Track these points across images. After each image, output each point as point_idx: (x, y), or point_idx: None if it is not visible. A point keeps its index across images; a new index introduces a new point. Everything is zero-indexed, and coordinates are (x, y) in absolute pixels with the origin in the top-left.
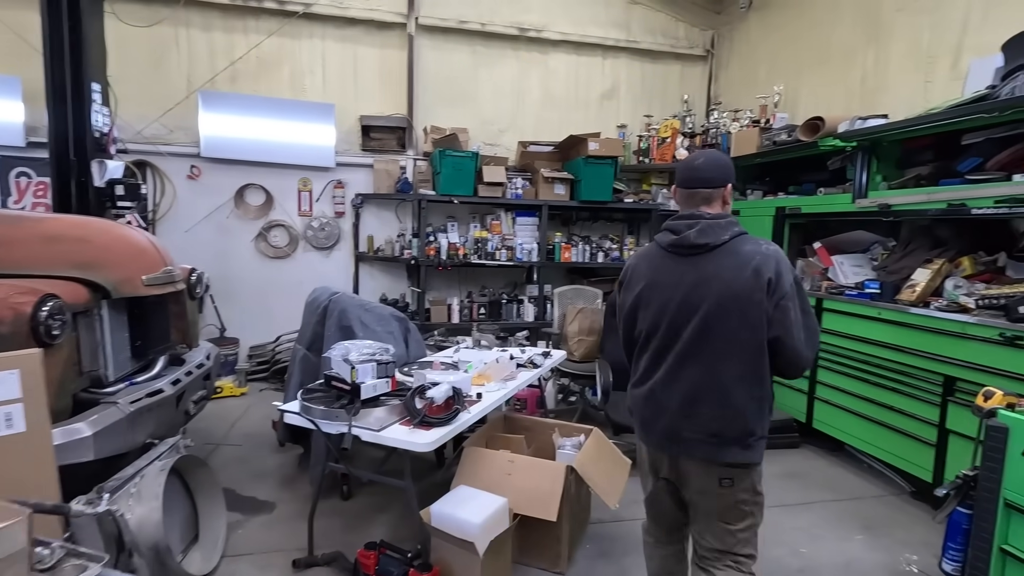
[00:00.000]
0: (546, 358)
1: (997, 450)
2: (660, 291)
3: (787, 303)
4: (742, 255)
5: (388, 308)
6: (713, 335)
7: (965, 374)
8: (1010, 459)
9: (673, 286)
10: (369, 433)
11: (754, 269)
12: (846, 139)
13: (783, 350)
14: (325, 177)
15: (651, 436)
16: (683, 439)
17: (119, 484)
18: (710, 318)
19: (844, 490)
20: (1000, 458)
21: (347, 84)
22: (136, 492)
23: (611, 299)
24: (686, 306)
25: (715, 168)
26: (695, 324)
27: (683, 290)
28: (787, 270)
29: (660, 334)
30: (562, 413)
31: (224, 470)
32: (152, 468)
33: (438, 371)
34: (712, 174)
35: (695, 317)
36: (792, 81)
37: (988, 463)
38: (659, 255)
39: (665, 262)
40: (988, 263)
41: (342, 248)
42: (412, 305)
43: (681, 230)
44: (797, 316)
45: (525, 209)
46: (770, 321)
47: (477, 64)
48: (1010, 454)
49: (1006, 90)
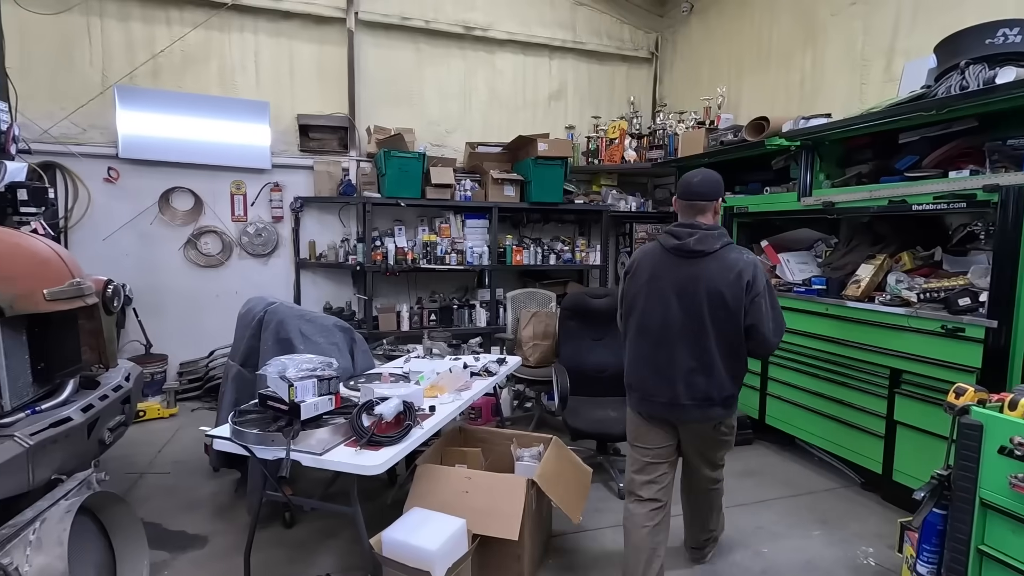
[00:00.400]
0: (501, 365)
1: (972, 448)
2: (662, 284)
3: (760, 300)
4: (728, 261)
5: (331, 318)
6: (704, 323)
7: (910, 366)
8: (986, 457)
9: (673, 282)
10: (310, 458)
11: (737, 273)
12: (791, 138)
13: (756, 335)
14: (261, 179)
15: (651, 405)
16: (681, 404)
17: (15, 531)
18: (702, 309)
19: (798, 485)
20: (975, 456)
21: (283, 81)
22: (36, 539)
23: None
24: (683, 299)
25: (709, 185)
26: (691, 313)
27: (681, 286)
28: (761, 274)
29: (660, 322)
30: (519, 420)
31: (148, 503)
32: (56, 510)
33: (387, 384)
34: (707, 189)
35: (691, 308)
36: (734, 83)
37: (963, 462)
38: (662, 254)
39: (667, 261)
40: (926, 257)
41: (281, 255)
42: (359, 313)
43: (682, 237)
44: (768, 310)
45: (475, 211)
46: (747, 313)
47: (422, 63)
48: (985, 452)
49: (941, 89)
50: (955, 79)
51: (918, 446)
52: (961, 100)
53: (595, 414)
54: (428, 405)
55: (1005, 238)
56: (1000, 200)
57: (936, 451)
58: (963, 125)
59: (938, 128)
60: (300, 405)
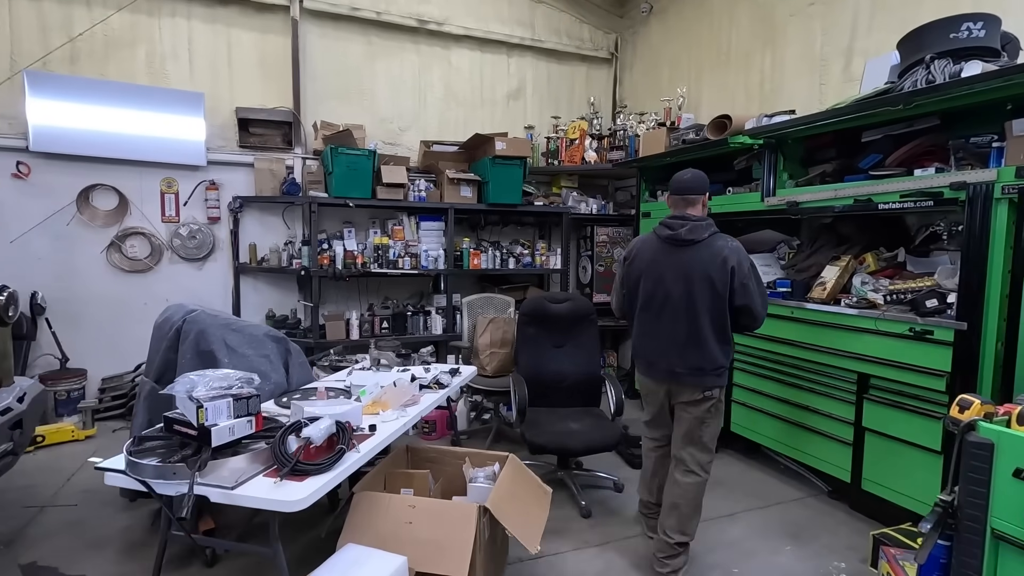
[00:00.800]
0: (454, 376)
1: (981, 471)
2: (659, 269)
3: (747, 282)
4: (715, 248)
5: (263, 327)
6: (695, 302)
7: (878, 370)
8: (997, 481)
9: (669, 266)
10: (220, 492)
11: (723, 259)
12: (755, 135)
13: (748, 311)
14: (195, 177)
15: (655, 371)
16: (677, 372)
17: None
18: (694, 290)
19: (766, 495)
20: (985, 480)
21: (220, 72)
22: None
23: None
24: (678, 282)
25: (698, 181)
26: (684, 294)
27: (676, 270)
28: (744, 259)
29: (659, 301)
30: (476, 433)
31: (46, 542)
32: None
33: (323, 401)
34: (696, 185)
35: (684, 289)
36: (694, 84)
37: (970, 486)
38: (657, 243)
39: (662, 249)
40: (889, 259)
41: (218, 259)
42: (305, 321)
43: (675, 227)
44: (755, 288)
45: (430, 213)
46: (736, 294)
47: (373, 56)
48: (997, 475)
49: (908, 84)
50: (921, 74)
51: (887, 453)
52: (928, 94)
53: (556, 426)
54: (368, 424)
55: (973, 237)
56: (967, 198)
57: (906, 459)
58: (926, 123)
59: (901, 126)
60: (211, 429)
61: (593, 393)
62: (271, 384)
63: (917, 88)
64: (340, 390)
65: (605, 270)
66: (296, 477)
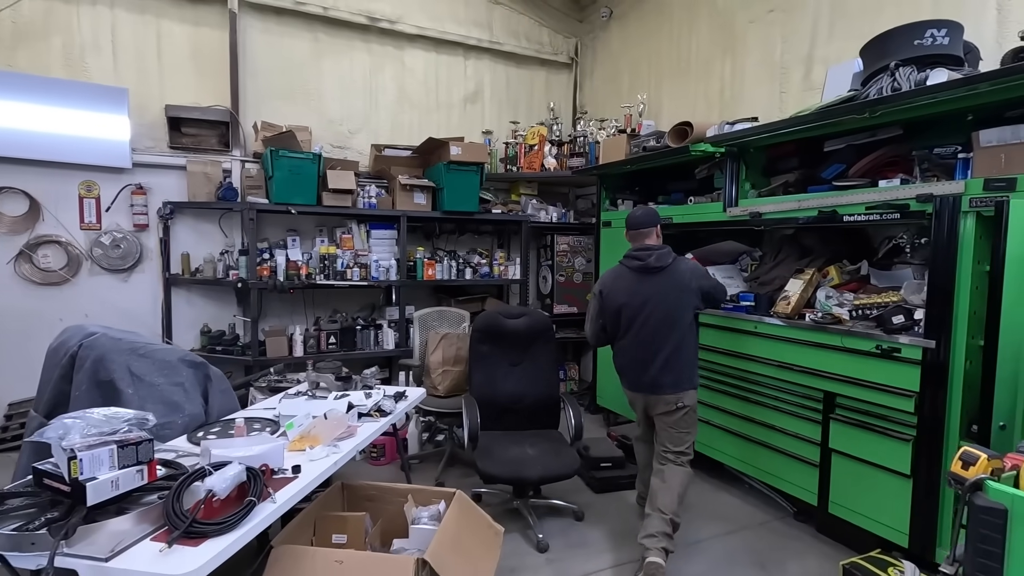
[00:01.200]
0: (399, 401)
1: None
2: (639, 295)
3: (712, 292)
4: (680, 271)
5: (178, 350)
6: (671, 321)
7: (845, 389)
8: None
9: (646, 291)
10: (91, 566)
11: (687, 280)
12: (717, 143)
13: (717, 302)
14: (119, 180)
15: (639, 385)
16: (660, 383)
17: None
18: (669, 310)
19: (731, 519)
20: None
21: (148, 66)
22: None
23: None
24: (654, 304)
25: (648, 216)
26: (661, 316)
27: (653, 294)
28: (702, 274)
29: (640, 322)
30: (428, 457)
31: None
32: None
33: (241, 438)
34: (648, 219)
35: (660, 311)
36: (654, 91)
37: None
38: (630, 274)
39: (636, 278)
40: (852, 272)
41: (146, 270)
42: (244, 337)
43: (644, 258)
44: (714, 287)
45: (381, 221)
46: (706, 299)
47: (320, 54)
48: (1013, 546)
49: (873, 91)
50: (886, 81)
51: (855, 476)
52: (894, 102)
53: (510, 452)
54: (292, 465)
55: (940, 251)
56: (934, 211)
57: (874, 482)
58: (888, 133)
59: (864, 135)
60: (86, 485)
61: (551, 415)
62: (185, 417)
63: (883, 95)
64: (267, 421)
65: (566, 280)
66: (191, 540)
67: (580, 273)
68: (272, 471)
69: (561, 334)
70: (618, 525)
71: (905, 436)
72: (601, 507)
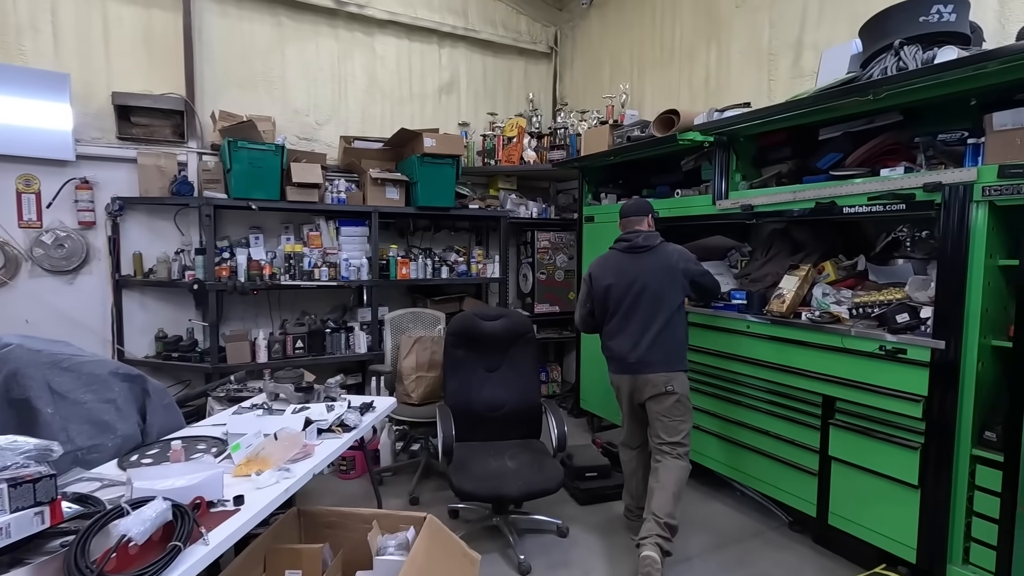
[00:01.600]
0: (366, 413)
1: None
2: (627, 274)
3: (699, 278)
4: (665, 253)
5: (109, 363)
6: (659, 300)
7: (845, 393)
8: None
9: (634, 270)
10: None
11: (673, 262)
12: (706, 131)
13: (708, 293)
14: (61, 174)
15: (626, 365)
16: (649, 361)
17: None
18: (657, 289)
19: (724, 531)
20: None
21: (93, 50)
22: None
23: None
24: (641, 284)
25: (641, 206)
26: (649, 294)
27: (641, 272)
28: (688, 259)
29: (629, 301)
30: (402, 469)
31: None
32: None
33: (177, 464)
34: (639, 209)
35: (649, 290)
36: (637, 81)
37: None
38: (618, 255)
39: (624, 258)
40: (849, 267)
41: (94, 271)
42: (204, 342)
43: (632, 239)
44: (703, 274)
45: (351, 217)
46: (697, 288)
47: (283, 40)
48: None
49: (876, 72)
50: (890, 60)
51: (857, 486)
52: (901, 81)
53: (489, 466)
54: (234, 495)
55: (950, 244)
56: (943, 200)
57: (878, 492)
58: (887, 119)
59: (861, 122)
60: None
61: (532, 423)
62: (117, 438)
63: (887, 75)
64: (214, 440)
65: (547, 278)
66: None
67: (562, 271)
68: (208, 504)
69: (543, 334)
70: (605, 541)
71: (912, 443)
72: (587, 521)
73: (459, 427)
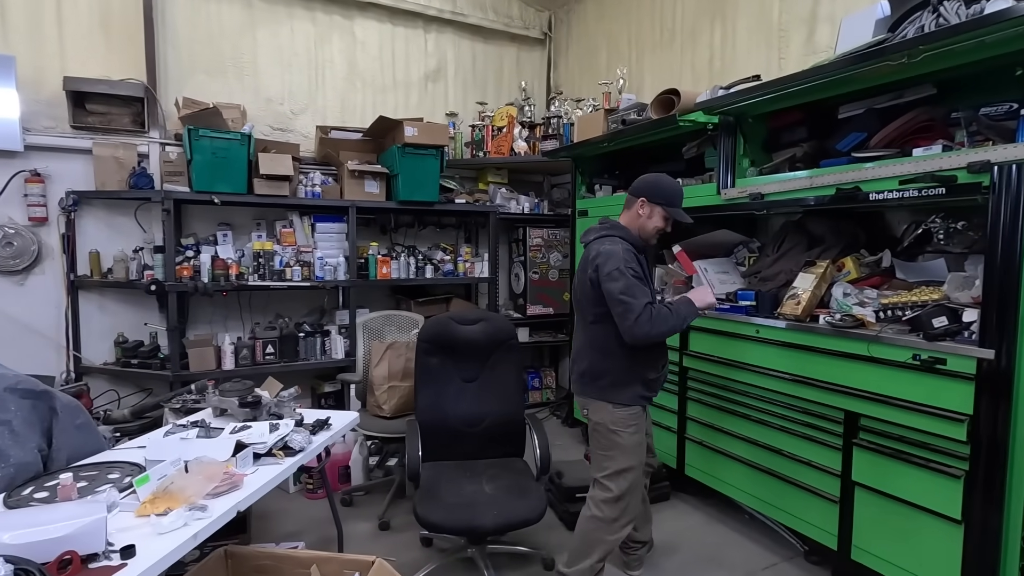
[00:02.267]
0: (319, 432)
1: None
2: (577, 277)
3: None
4: (591, 250)
5: (8, 376)
6: (580, 308)
7: (871, 409)
8: None
9: (579, 273)
10: None
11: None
12: (710, 111)
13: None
14: (8, 166)
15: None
16: (574, 380)
17: None
18: (578, 297)
19: (731, 563)
20: None
21: (45, 32)
22: None
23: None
24: (576, 288)
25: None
26: (575, 301)
27: (579, 275)
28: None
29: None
30: (376, 488)
31: None
32: None
33: (65, 504)
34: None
35: (575, 296)
36: (635, 66)
37: None
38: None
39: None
40: (872, 264)
41: (47, 271)
42: (167, 347)
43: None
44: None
45: (328, 212)
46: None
47: (254, 22)
48: None
49: (912, 32)
50: (927, 18)
51: (886, 517)
52: (947, 38)
53: (462, 491)
54: (123, 545)
55: (1002, 234)
56: (992, 182)
57: (912, 525)
58: (918, 93)
59: (887, 98)
60: None
61: (515, 440)
62: (10, 467)
63: (925, 33)
64: (132, 467)
65: (541, 278)
66: None
67: (556, 270)
68: (86, 559)
69: (536, 337)
70: None
71: (955, 471)
72: None
73: (432, 445)
